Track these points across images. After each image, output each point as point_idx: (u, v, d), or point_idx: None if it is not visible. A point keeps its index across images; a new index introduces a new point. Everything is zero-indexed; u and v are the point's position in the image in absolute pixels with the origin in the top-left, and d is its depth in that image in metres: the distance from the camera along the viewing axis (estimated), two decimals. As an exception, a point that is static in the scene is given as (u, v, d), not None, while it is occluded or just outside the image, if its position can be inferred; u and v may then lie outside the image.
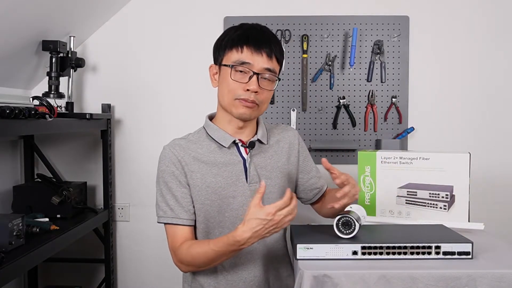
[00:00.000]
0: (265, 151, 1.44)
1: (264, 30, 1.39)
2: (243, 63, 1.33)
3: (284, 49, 1.45)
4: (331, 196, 1.53)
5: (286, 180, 1.46)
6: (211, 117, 1.48)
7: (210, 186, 1.36)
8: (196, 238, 1.41)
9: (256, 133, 1.44)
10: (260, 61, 1.33)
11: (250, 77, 1.32)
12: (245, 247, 1.23)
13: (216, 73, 1.41)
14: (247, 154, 1.41)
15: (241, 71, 1.33)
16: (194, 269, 1.37)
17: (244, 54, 1.33)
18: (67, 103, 2.19)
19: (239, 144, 1.41)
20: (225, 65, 1.36)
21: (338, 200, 1.32)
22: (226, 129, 1.41)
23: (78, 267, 2.40)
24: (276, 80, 1.38)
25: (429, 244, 1.21)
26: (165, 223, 1.38)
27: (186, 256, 1.33)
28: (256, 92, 1.33)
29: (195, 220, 1.40)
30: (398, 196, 1.61)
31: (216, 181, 1.37)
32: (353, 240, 1.23)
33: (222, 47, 1.38)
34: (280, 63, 1.39)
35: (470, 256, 1.21)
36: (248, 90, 1.32)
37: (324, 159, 1.33)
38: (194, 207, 1.38)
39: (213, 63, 1.43)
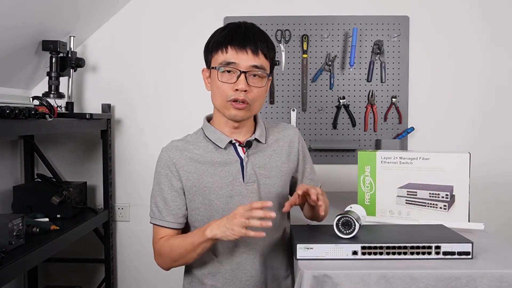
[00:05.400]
0: (264, 150, 1.44)
1: (250, 27, 1.38)
2: (228, 63, 1.32)
3: (279, 45, 1.42)
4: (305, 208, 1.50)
5: (285, 180, 1.46)
6: (209, 118, 1.48)
7: (207, 186, 1.37)
8: None
9: (254, 132, 1.44)
10: (245, 59, 1.32)
11: (238, 77, 1.32)
12: (208, 236, 1.25)
13: (209, 76, 1.41)
14: (245, 153, 1.41)
15: (228, 71, 1.33)
16: (170, 263, 1.39)
17: (229, 54, 1.32)
18: (67, 103, 2.19)
19: (236, 144, 1.41)
20: (213, 68, 1.36)
21: (313, 207, 1.34)
22: (223, 130, 1.41)
23: (78, 267, 2.40)
24: (266, 76, 1.37)
25: (429, 244, 1.21)
26: (152, 223, 1.42)
27: (164, 247, 1.37)
28: (245, 90, 1.33)
29: (187, 223, 1.43)
30: (398, 196, 1.61)
31: (213, 181, 1.37)
32: (353, 240, 1.23)
33: (209, 50, 1.38)
34: (269, 58, 1.37)
35: (470, 256, 1.21)
36: (237, 89, 1.33)
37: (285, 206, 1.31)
38: (186, 209, 1.40)
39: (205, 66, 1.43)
